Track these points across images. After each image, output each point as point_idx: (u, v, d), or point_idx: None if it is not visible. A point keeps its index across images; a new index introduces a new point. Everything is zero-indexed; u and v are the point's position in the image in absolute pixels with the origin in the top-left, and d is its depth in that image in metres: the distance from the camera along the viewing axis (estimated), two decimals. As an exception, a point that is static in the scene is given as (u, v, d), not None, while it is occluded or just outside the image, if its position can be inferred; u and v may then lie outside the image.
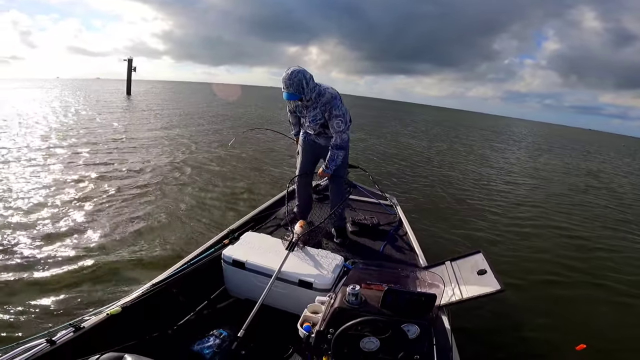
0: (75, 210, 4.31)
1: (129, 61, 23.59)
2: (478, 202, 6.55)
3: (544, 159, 14.96)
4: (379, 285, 1.51)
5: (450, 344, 1.53)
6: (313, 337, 1.35)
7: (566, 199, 7.66)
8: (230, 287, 2.09)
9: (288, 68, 2.24)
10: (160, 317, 1.75)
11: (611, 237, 5.42)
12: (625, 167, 16.71)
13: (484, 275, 1.88)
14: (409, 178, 7.85)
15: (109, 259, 3.27)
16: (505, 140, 22.57)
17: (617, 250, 4.84)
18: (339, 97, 2.35)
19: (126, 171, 6.19)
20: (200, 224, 4.22)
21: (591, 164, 15.67)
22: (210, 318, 1.91)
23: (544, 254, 4.37)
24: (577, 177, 11.19)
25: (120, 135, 9.41)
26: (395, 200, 3.41)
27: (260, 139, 9.92)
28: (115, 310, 1.53)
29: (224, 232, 2.48)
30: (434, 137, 17.95)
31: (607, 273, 4.02)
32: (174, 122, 12.70)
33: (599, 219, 6.33)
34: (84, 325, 1.44)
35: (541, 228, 5.44)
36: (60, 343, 1.34)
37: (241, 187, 5.85)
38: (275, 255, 2.00)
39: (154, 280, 1.82)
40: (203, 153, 8.09)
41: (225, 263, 2.00)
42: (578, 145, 28.19)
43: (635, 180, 12.56)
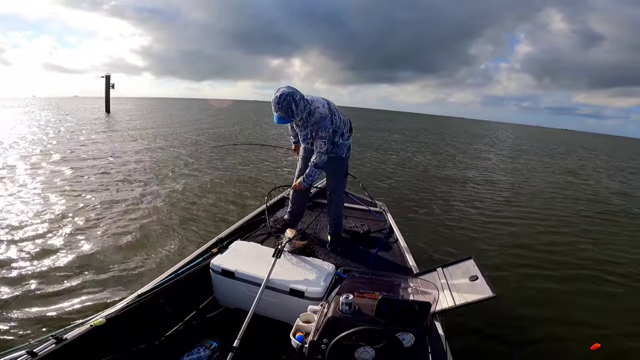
0: (56, 224, 4.19)
1: (107, 78, 22.70)
2: (466, 205, 6.63)
3: (524, 159, 15.43)
4: (372, 293, 1.50)
5: (445, 351, 1.52)
6: (306, 347, 1.33)
7: (551, 198, 7.84)
8: (219, 296, 2.04)
9: (277, 90, 2.14)
10: (146, 328, 1.69)
11: (599, 232, 5.59)
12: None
13: (475, 281, 1.88)
14: (396, 185, 7.91)
15: (94, 271, 3.17)
16: (488, 144, 23.19)
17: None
18: (328, 117, 2.29)
19: (109, 190, 6.01)
20: (190, 232, 4.15)
21: (585, 162, 16.15)
22: (199, 328, 1.86)
23: (534, 255, 4.41)
24: (559, 175, 11.51)
25: (103, 154, 9.07)
26: (385, 207, 3.41)
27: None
28: (100, 322, 1.47)
29: (213, 241, 2.43)
30: (420, 144, 18.22)
31: (603, 267, 4.11)
32: (157, 141, 12.20)
33: (581, 215, 6.53)
34: (66, 337, 1.38)
35: (528, 227, 5.55)
36: (42, 355, 1.28)
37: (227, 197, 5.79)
38: (266, 264, 1.95)
39: (140, 290, 1.77)
40: (186, 171, 7.87)
41: (214, 272, 1.96)
42: (557, 145, 29.16)
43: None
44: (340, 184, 2.67)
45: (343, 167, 2.62)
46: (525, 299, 3.26)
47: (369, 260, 2.47)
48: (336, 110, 2.42)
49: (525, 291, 3.42)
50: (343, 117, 2.48)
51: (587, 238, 5.25)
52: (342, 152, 2.53)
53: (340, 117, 2.44)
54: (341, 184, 2.68)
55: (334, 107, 2.41)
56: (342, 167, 2.61)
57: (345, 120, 2.51)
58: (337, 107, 2.54)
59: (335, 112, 2.38)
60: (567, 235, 5.34)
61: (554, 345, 2.65)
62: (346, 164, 2.63)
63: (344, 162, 2.59)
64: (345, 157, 2.58)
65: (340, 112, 2.51)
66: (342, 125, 2.46)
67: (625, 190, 9.87)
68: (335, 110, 2.40)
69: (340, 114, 2.46)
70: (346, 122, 2.51)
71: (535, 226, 5.63)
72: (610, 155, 24.17)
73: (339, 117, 2.41)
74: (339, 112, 2.47)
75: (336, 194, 2.67)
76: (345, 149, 2.55)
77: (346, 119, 2.52)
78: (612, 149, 34.78)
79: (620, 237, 5.52)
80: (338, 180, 2.64)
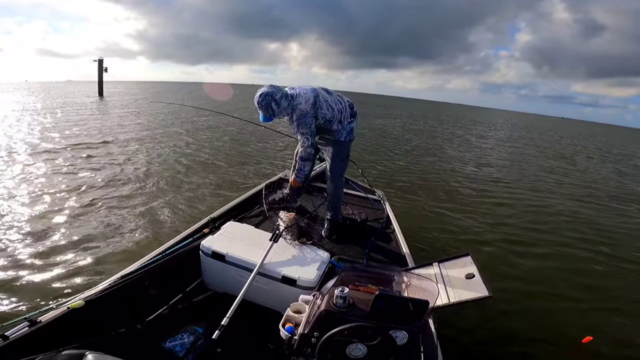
0: (44, 203, 4.11)
1: (100, 62, 22.44)
2: (464, 194, 6.63)
3: (520, 144, 15.58)
4: (367, 287, 1.44)
5: (436, 351, 1.47)
6: (296, 339, 1.27)
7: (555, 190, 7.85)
8: (207, 279, 1.97)
9: (259, 89, 2.21)
10: (128, 311, 1.62)
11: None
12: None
13: (472, 279, 1.82)
14: (394, 171, 7.85)
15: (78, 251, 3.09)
16: (487, 131, 23.40)
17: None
18: (309, 114, 2.27)
19: (103, 167, 5.93)
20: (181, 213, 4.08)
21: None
22: (184, 313, 1.79)
23: (539, 252, 4.39)
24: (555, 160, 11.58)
25: (93, 134, 8.94)
26: (383, 196, 3.34)
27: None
28: (78, 304, 1.39)
29: (204, 221, 2.34)
30: (418, 130, 18.16)
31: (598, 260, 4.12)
32: (148, 120, 12.16)
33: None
34: (41, 319, 1.31)
35: (526, 221, 5.48)
36: (14, 338, 1.21)
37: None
38: (259, 248, 1.89)
39: (123, 271, 1.68)
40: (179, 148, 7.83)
41: (204, 254, 1.88)
42: (553, 132, 29.73)
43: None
44: (337, 168, 2.57)
45: (341, 151, 2.52)
46: (520, 299, 3.24)
47: (365, 249, 2.41)
48: (329, 100, 2.34)
49: (522, 293, 3.39)
50: (341, 105, 2.40)
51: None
52: (341, 136, 2.45)
53: (336, 105, 2.37)
54: (339, 168, 2.57)
55: (324, 98, 2.33)
56: (340, 150, 2.51)
57: (344, 106, 2.42)
58: (337, 93, 2.46)
59: (324, 103, 2.31)
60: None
61: (546, 338, 2.64)
62: (346, 147, 2.53)
63: (342, 145, 2.49)
64: (345, 141, 2.48)
65: (340, 98, 2.43)
66: (338, 114, 2.38)
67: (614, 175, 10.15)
68: (325, 101, 2.32)
69: (338, 101, 2.39)
70: (345, 107, 2.42)
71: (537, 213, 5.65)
72: (606, 143, 24.94)
73: (332, 108, 2.34)
74: (338, 100, 2.39)
75: (333, 178, 2.58)
76: (345, 132, 2.46)
77: (345, 105, 2.43)
78: (607, 136, 35.53)
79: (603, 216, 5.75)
80: (335, 164, 2.55)
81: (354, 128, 2.50)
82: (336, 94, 2.45)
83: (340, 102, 2.41)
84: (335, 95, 2.43)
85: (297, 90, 2.29)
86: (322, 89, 2.39)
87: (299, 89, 2.30)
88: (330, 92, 2.41)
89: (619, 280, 3.70)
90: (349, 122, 2.45)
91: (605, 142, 26.28)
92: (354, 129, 2.51)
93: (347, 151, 2.56)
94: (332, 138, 2.45)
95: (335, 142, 2.47)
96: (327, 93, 2.38)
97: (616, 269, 3.98)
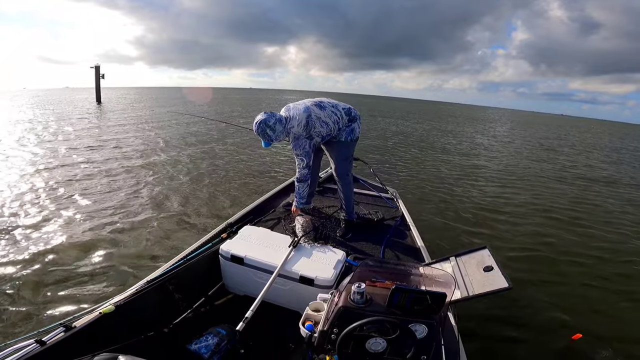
0: (58, 207, 4.27)
1: (97, 68, 22.75)
2: (476, 191, 6.55)
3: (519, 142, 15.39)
4: (384, 282, 1.45)
5: (458, 344, 1.47)
6: (316, 336, 1.30)
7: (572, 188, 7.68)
8: (228, 283, 2.03)
9: (256, 118, 2.30)
10: (155, 315, 1.68)
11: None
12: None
13: (490, 272, 1.82)
14: (404, 170, 7.86)
15: (104, 256, 3.20)
16: (492, 128, 23.76)
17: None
18: (302, 136, 2.35)
19: (112, 167, 6.10)
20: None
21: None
22: (207, 315, 1.84)
23: (550, 244, 4.35)
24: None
25: (95, 140, 9.32)
26: (396, 194, 3.35)
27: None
28: (109, 309, 1.46)
29: (222, 226, 2.41)
30: (422, 130, 18.16)
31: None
32: (146, 127, 12.43)
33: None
34: (75, 324, 1.37)
35: (544, 217, 5.41)
36: (51, 344, 1.27)
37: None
38: (275, 250, 1.94)
39: (148, 277, 1.75)
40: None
41: (223, 258, 1.94)
42: (554, 129, 29.97)
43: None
44: (341, 167, 2.61)
45: (343, 151, 2.56)
46: (540, 292, 3.21)
47: (380, 247, 2.43)
48: (322, 116, 2.38)
49: (541, 286, 3.36)
50: (336, 116, 2.43)
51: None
52: (341, 136, 2.49)
53: (330, 118, 2.41)
54: (343, 167, 2.61)
55: (316, 116, 2.36)
56: (342, 151, 2.55)
57: (340, 116, 2.45)
58: (331, 104, 2.47)
59: (317, 122, 2.35)
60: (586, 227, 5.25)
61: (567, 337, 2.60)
62: (348, 147, 2.57)
63: (343, 145, 2.53)
64: (346, 141, 2.51)
65: (335, 108, 2.45)
66: (335, 125, 2.43)
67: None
68: (317, 119, 2.36)
69: (332, 113, 2.42)
70: (341, 116, 2.46)
71: (555, 218, 5.50)
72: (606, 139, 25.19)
73: (326, 123, 2.39)
74: (332, 112, 2.42)
75: (340, 178, 2.63)
76: (345, 133, 2.49)
77: (341, 113, 2.46)
78: (603, 133, 35.04)
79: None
80: (339, 164, 2.59)
81: (354, 129, 2.53)
82: (330, 105, 2.46)
83: (334, 114, 2.43)
84: (329, 108, 2.44)
85: (291, 111, 2.35)
86: (315, 104, 2.42)
87: (293, 110, 2.36)
88: (324, 107, 2.42)
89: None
90: (347, 125, 2.48)
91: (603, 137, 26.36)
92: (356, 130, 2.54)
93: (350, 151, 2.59)
94: (334, 140, 2.50)
95: (336, 143, 2.52)
96: (319, 109, 2.39)
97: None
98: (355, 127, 2.53)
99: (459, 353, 1.45)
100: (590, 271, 3.69)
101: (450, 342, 1.49)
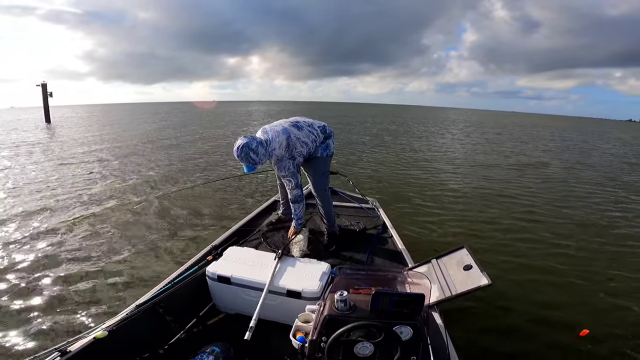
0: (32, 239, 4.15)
1: (44, 87, 21.51)
2: (448, 192, 6.80)
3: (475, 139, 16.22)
4: (366, 289, 1.51)
5: (446, 342, 1.53)
6: (307, 347, 1.34)
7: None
8: (218, 303, 2.05)
9: (235, 142, 2.26)
10: (148, 338, 1.69)
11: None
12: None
13: (470, 270, 1.89)
14: (376, 178, 7.99)
15: (90, 282, 3.15)
16: (450, 128, 25.22)
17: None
18: (285, 157, 2.40)
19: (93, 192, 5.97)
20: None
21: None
22: (201, 335, 1.86)
23: (522, 238, 4.55)
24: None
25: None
26: (377, 203, 3.42)
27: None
28: (102, 334, 1.46)
29: (207, 249, 2.43)
30: (385, 134, 18.53)
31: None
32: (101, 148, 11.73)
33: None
34: (70, 349, 1.38)
35: (511, 211, 5.67)
36: None
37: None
38: (261, 267, 1.99)
39: (137, 301, 1.76)
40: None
41: (210, 279, 1.97)
42: (504, 126, 31.60)
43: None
44: (319, 182, 2.66)
45: (320, 167, 2.62)
46: (519, 285, 3.34)
47: (364, 257, 2.49)
48: (300, 137, 2.44)
49: (518, 277, 3.50)
50: (313, 135, 2.51)
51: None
52: (317, 152, 2.56)
53: (308, 137, 2.48)
54: (321, 182, 2.67)
55: (296, 136, 2.42)
56: (319, 165, 2.61)
57: (316, 134, 2.53)
58: (307, 123, 2.55)
59: (297, 142, 2.41)
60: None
61: (559, 330, 2.70)
62: (324, 162, 2.63)
63: (319, 160, 2.60)
64: (322, 156, 2.58)
65: (311, 128, 2.53)
66: (313, 144, 2.50)
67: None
68: (297, 139, 2.42)
69: (309, 133, 2.49)
70: (318, 135, 2.54)
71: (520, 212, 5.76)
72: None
73: (305, 143, 2.45)
74: (309, 131, 2.49)
75: (318, 193, 2.67)
76: (320, 150, 2.57)
77: (317, 132, 2.54)
78: (551, 127, 37.28)
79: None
80: (317, 179, 2.65)
81: (329, 144, 2.60)
82: (306, 124, 2.53)
83: (312, 133, 2.50)
84: (306, 127, 2.50)
85: (269, 134, 2.36)
86: (292, 124, 2.47)
87: (271, 132, 2.36)
88: (301, 127, 2.48)
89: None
90: (322, 142, 2.56)
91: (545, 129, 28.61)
92: (330, 145, 2.62)
93: (326, 166, 2.66)
94: (310, 157, 2.57)
95: (313, 159, 2.58)
96: (297, 129, 2.45)
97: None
98: (330, 143, 2.61)
99: (448, 351, 1.51)
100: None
101: (439, 341, 1.54)
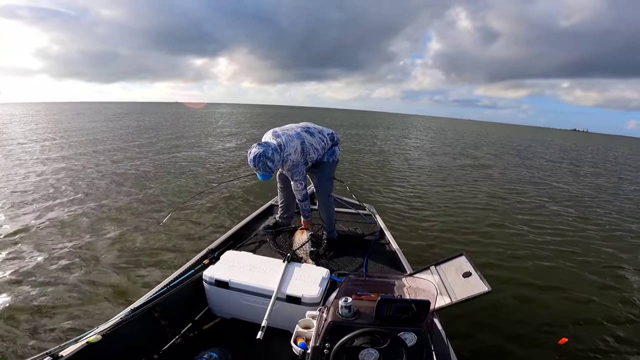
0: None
1: None
2: (441, 199, 6.92)
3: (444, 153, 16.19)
4: (369, 295, 1.49)
5: (448, 348, 1.52)
6: (309, 353, 1.31)
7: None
8: (214, 307, 2.01)
9: (249, 151, 2.21)
10: (143, 342, 1.65)
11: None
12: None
13: (469, 277, 1.90)
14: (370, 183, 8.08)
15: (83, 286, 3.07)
16: (421, 136, 26.22)
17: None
18: (301, 162, 2.39)
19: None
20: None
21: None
22: (197, 340, 1.82)
23: (520, 246, 4.61)
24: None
25: None
26: (374, 210, 3.43)
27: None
28: (95, 338, 1.41)
29: (203, 253, 2.39)
30: (358, 141, 18.65)
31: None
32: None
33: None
34: (62, 354, 1.33)
35: (509, 220, 5.72)
36: None
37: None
38: (260, 272, 1.96)
39: (132, 305, 1.72)
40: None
41: (207, 284, 1.93)
42: (463, 135, 32.57)
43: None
44: (324, 187, 2.67)
45: (326, 172, 2.63)
46: (521, 292, 3.37)
47: (362, 263, 2.48)
48: (313, 143, 2.45)
49: (521, 285, 3.54)
50: (323, 142, 2.52)
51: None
52: (324, 157, 2.57)
53: (319, 144, 2.49)
54: (326, 187, 2.67)
55: (309, 142, 2.42)
56: (325, 171, 2.62)
57: (326, 141, 2.55)
58: (317, 129, 2.55)
59: (310, 148, 2.42)
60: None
61: (553, 336, 2.73)
62: (331, 168, 2.64)
63: (325, 166, 2.60)
64: (327, 162, 2.60)
65: (322, 135, 2.54)
66: (322, 151, 2.52)
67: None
68: (310, 145, 2.42)
69: (320, 139, 2.50)
70: (327, 142, 2.55)
71: (519, 222, 5.83)
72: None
73: (317, 149, 2.46)
74: (320, 138, 2.50)
75: (322, 198, 2.68)
76: (327, 155, 2.58)
77: (326, 139, 2.56)
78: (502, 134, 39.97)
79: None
80: (322, 184, 2.65)
81: (335, 151, 2.62)
82: (317, 131, 2.53)
83: (322, 140, 2.52)
84: (317, 134, 2.51)
85: (282, 137, 2.33)
86: (304, 130, 2.47)
87: (283, 136, 2.33)
88: (312, 133, 2.49)
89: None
90: (329, 147, 2.58)
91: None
92: (336, 152, 2.64)
93: (332, 172, 2.66)
94: (316, 162, 2.57)
95: (320, 164, 2.58)
96: (309, 135, 2.45)
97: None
98: (336, 149, 2.63)
99: (450, 357, 1.50)
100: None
101: (440, 347, 1.54)
